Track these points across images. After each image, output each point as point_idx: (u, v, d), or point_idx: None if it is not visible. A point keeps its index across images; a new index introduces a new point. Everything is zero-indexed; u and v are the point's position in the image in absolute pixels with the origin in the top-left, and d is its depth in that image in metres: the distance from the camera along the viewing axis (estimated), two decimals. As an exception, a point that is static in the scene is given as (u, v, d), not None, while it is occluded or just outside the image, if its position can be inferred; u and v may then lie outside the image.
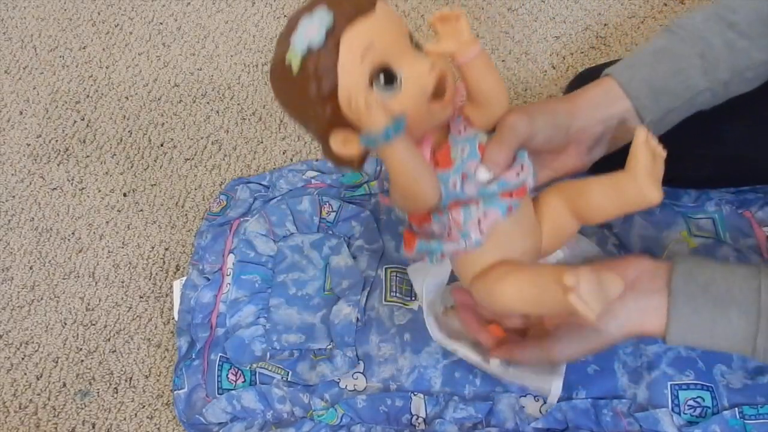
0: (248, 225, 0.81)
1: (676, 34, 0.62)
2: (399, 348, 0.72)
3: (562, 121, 0.58)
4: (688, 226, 0.76)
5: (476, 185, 0.52)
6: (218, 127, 0.97)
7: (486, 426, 0.68)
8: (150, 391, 0.78)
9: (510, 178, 0.53)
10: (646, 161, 0.51)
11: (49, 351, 0.82)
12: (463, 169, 0.52)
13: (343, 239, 0.80)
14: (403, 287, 0.76)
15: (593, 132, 0.60)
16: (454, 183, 0.52)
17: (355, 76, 0.47)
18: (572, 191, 0.56)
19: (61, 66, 1.05)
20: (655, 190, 0.51)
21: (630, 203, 0.52)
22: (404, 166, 0.49)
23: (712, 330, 0.52)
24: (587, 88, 0.61)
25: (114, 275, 0.86)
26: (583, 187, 0.55)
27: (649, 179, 0.50)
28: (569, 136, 0.59)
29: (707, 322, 0.52)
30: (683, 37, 0.61)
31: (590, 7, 1.04)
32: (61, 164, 0.95)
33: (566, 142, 0.59)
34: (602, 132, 0.60)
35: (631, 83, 0.60)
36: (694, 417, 0.66)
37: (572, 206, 0.56)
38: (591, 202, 0.54)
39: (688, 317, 0.53)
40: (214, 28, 1.07)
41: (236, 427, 0.72)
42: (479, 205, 0.53)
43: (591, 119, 0.59)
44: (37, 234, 0.90)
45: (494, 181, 0.52)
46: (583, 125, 0.59)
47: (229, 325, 0.76)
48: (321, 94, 0.47)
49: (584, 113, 0.59)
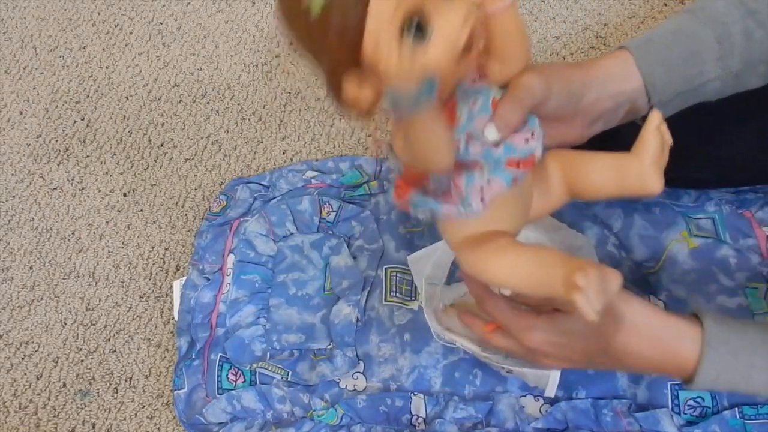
0: (248, 225, 0.81)
1: (696, 15, 0.59)
2: (399, 348, 0.72)
3: (575, 90, 0.55)
4: (688, 226, 0.76)
5: (482, 145, 0.49)
6: (218, 127, 0.97)
7: (486, 426, 0.68)
8: (150, 391, 0.78)
9: (518, 143, 0.49)
10: (655, 147, 0.49)
11: (49, 351, 0.82)
12: (468, 127, 0.48)
13: (343, 239, 0.80)
14: (403, 287, 0.76)
15: (602, 107, 0.58)
16: (458, 144, 0.49)
17: (386, 24, 0.42)
18: (573, 162, 0.53)
19: (61, 66, 1.05)
20: (657, 179, 0.49)
21: (629, 187, 0.50)
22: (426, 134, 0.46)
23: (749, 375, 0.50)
24: (602, 59, 0.59)
25: (114, 275, 0.86)
26: (586, 160, 0.53)
27: (655, 167, 0.49)
28: (579, 108, 0.57)
29: (745, 366, 0.50)
30: (703, 20, 0.59)
31: (590, 7, 1.04)
32: (61, 164, 0.95)
33: (574, 112, 0.57)
34: (610, 108, 0.58)
35: (647, 59, 0.58)
36: (694, 417, 0.66)
37: (569, 177, 0.53)
38: (590, 178, 0.52)
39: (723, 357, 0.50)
40: (214, 28, 1.07)
41: (236, 427, 0.72)
42: (483, 171, 0.49)
43: (603, 93, 0.57)
44: (37, 234, 0.90)
45: (501, 143, 0.49)
46: (594, 98, 0.57)
47: (229, 325, 0.76)
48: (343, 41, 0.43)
49: (597, 85, 0.57)
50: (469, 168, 0.49)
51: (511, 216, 0.52)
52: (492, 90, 0.49)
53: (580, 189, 0.53)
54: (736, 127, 0.71)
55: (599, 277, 0.44)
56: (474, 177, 0.49)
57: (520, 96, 0.49)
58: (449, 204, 0.50)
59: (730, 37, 0.57)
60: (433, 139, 0.46)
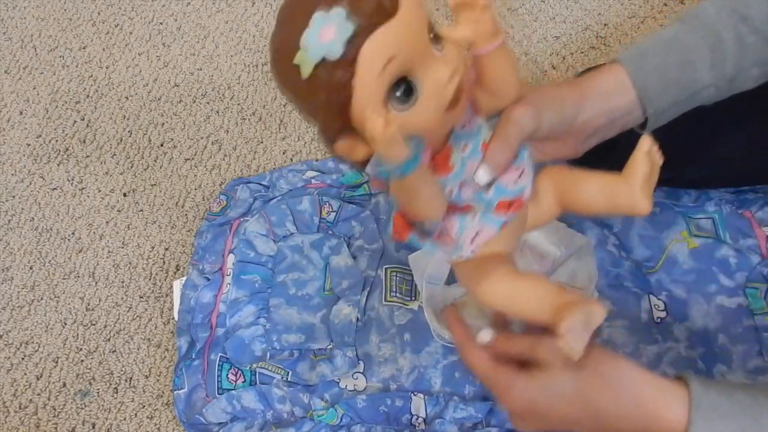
0: (248, 225, 0.81)
1: (687, 24, 0.60)
2: (399, 348, 0.72)
3: (569, 112, 0.56)
4: (688, 226, 0.76)
5: (473, 189, 0.50)
6: (218, 127, 0.97)
7: (486, 426, 0.68)
8: (150, 391, 0.78)
9: (508, 183, 0.51)
10: (644, 172, 0.50)
11: (49, 351, 0.82)
12: (462, 175, 0.49)
13: (343, 239, 0.80)
14: (403, 287, 0.76)
15: (596, 123, 0.58)
16: (451, 191, 0.49)
17: (373, 91, 0.41)
18: (564, 180, 0.54)
19: (61, 66, 1.05)
20: (647, 202, 0.50)
21: (618, 208, 0.52)
22: (415, 193, 0.46)
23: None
24: (595, 76, 0.59)
25: (114, 275, 0.86)
26: (577, 179, 0.54)
27: (644, 191, 0.50)
28: (572, 127, 0.57)
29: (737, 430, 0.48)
30: (695, 28, 0.59)
31: (590, 7, 1.04)
32: (61, 164, 0.95)
33: (568, 132, 0.57)
34: (604, 123, 0.59)
35: (640, 73, 0.58)
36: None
37: (561, 193, 0.54)
38: (582, 196, 0.53)
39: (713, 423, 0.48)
40: (214, 28, 1.07)
41: (236, 427, 0.72)
42: (475, 216, 0.50)
43: (597, 111, 0.58)
44: (37, 234, 0.90)
45: (492, 185, 0.50)
46: (588, 117, 0.57)
47: (229, 325, 0.76)
48: (331, 102, 0.42)
49: (591, 104, 0.57)
50: (461, 212, 0.50)
51: (506, 240, 0.53)
52: (482, 130, 0.50)
53: (571, 205, 0.54)
54: (735, 128, 0.71)
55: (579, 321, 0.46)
56: (466, 222, 0.50)
57: (508, 133, 0.50)
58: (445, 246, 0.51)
59: (723, 44, 0.58)
60: (423, 196, 0.47)
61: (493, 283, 0.52)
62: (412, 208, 0.49)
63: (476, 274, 0.53)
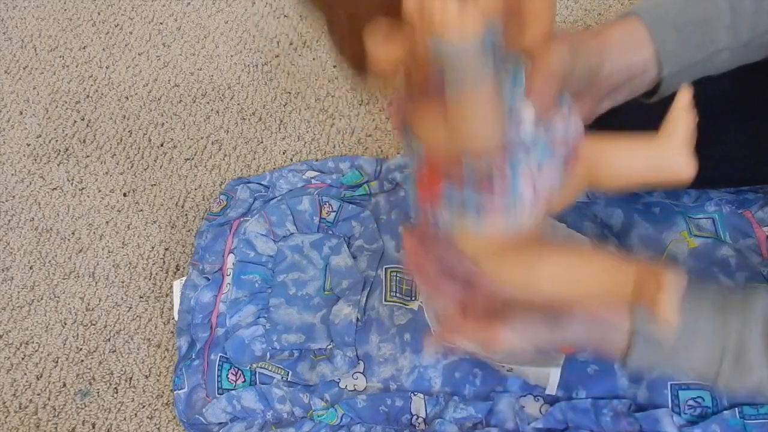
0: (248, 225, 0.81)
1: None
2: (399, 348, 0.72)
3: (594, 62, 0.52)
4: (688, 226, 0.76)
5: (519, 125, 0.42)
6: (218, 127, 0.97)
7: (486, 426, 0.68)
8: (150, 391, 0.78)
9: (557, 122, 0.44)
10: (686, 128, 0.44)
11: (49, 351, 0.82)
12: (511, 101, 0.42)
13: (343, 239, 0.80)
14: (403, 287, 0.76)
15: (615, 80, 0.54)
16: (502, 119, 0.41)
17: None
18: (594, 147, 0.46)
19: (61, 66, 1.05)
20: (692, 163, 0.44)
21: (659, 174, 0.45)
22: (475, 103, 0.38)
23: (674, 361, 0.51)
24: (612, 26, 0.55)
25: (114, 275, 0.86)
26: (609, 145, 0.46)
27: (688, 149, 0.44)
28: (596, 81, 0.53)
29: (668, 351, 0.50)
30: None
31: (590, 7, 1.04)
32: (61, 164, 0.95)
33: (590, 88, 0.53)
34: (622, 81, 0.55)
35: (658, 27, 0.54)
36: (694, 417, 0.66)
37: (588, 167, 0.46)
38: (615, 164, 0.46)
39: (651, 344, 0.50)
40: (214, 28, 1.07)
41: (236, 427, 0.72)
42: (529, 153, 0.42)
43: (617, 65, 0.54)
44: (37, 234, 0.90)
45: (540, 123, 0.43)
46: (609, 71, 0.53)
47: (229, 325, 0.76)
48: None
49: (613, 56, 0.53)
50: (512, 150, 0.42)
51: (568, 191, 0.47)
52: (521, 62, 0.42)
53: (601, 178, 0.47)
54: (736, 128, 0.71)
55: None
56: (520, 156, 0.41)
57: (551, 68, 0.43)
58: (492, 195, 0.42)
59: (743, 3, 0.54)
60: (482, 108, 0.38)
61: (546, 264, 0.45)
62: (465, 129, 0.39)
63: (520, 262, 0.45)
